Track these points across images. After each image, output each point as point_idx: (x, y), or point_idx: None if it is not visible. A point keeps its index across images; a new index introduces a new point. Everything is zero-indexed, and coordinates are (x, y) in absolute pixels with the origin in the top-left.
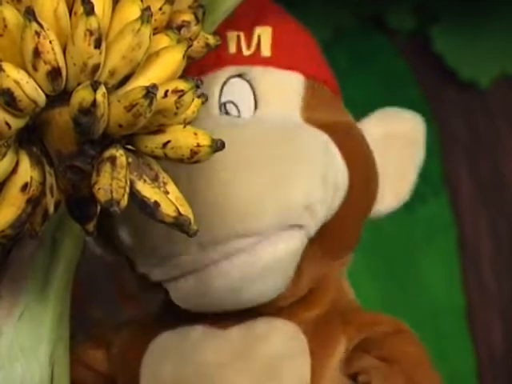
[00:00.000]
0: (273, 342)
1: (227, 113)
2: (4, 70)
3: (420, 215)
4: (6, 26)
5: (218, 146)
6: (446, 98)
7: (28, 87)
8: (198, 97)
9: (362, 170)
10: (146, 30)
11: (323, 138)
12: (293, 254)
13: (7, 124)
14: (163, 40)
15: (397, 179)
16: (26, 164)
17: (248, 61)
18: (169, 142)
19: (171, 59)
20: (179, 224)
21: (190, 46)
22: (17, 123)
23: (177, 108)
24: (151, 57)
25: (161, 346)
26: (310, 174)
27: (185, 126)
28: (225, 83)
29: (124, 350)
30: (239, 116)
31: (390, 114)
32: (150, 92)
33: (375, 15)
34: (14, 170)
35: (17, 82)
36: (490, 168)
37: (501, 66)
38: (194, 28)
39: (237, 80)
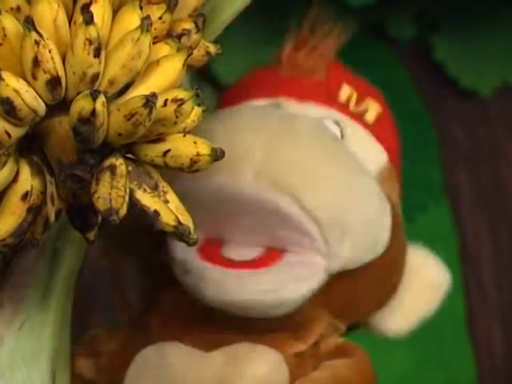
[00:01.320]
0: (256, 368)
1: None
2: (3, 79)
3: (421, 223)
4: (5, 36)
5: (217, 154)
6: (447, 106)
7: (28, 96)
8: (199, 105)
9: (395, 247)
10: (146, 39)
11: (385, 201)
12: (323, 267)
13: (7, 133)
14: (163, 49)
15: (404, 312)
16: (26, 173)
17: (351, 115)
18: (169, 150)
19: (171, 68)
20: (179, 233)
21: (191, 54)
22: (17, 132)
23: (176, 117)
24: (151, 66)
25: (143, 360)
26: (366, 212)
27: (185, 135)
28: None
29: (111, 360)
30: None
31: (423, 254)
32: (149, 101)
33: (376, 24)
34: (15, 179)
35: (16, 91)
36: (490, 176)
37: (501, 74)
38: (195, 36)
39: (332, 124)
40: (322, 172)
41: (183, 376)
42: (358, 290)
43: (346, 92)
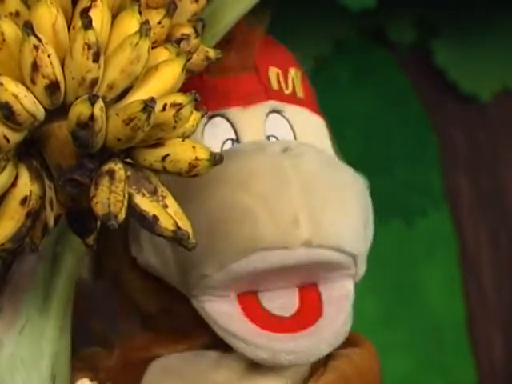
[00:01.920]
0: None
1: None
2: (2, 84)
3: (421, 228)
4: (4, 40)
5: (216, 159)
6: (447, 111)
7: (26, 101)
8: (198, 110)
9: None
10: (145, 44)
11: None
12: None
13: (6, 138)
14: (162, 53)
15: None
16: (25, 178)
17: (288, 99)
18: (168, 155)
19: (170, 73)
20: (178, 238)
21: (190, 59)
22: (15, 137)
23: (175, 122)
24: (150, 70)
25: (163, 366)
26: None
27: (183, 140)
28: (266, 117)
29: (112, 375)
30: None
31: None
32: (148, 106)
33: (376, 29)
34: (14, 184)
35: (15, 96)
36: (490, 181)
37: (501, 79)
38: (194, 41)
39: (276, 116)
40: (346, 212)
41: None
42: None
43: (273, 75)
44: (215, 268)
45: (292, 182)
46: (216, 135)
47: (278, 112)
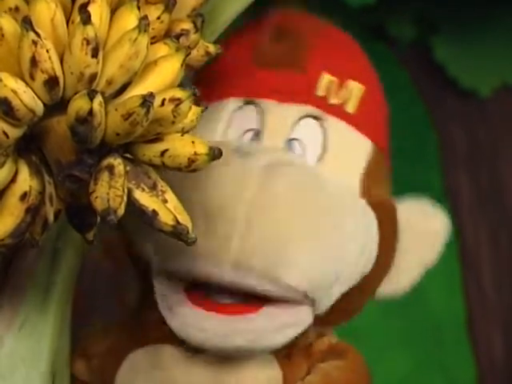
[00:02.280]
0: (248, 369)
1: (291, 149)
2: (1, 80)
3: None
4: (2, 35)
5: (215, 154)
6: (447, 107)
7: (25, 96)
8: (198, 105)
9: (388, 257)
10: (144, 39)
11: (371, 221)
12: (302, 326)
13: (5, 133)
14: (162, 49)
15: (404, 270)
16: (24, 173)
17: (330, 109)
18: (167, 150)
19: (169, 68)
20: (177, 233)
21: (189, 54)
22: (15, 133)
23: (174, 117)
24: (149, 66)
25: (134, 362)
26: (349, 259)
27: (182, 135)
28: (300, 119)
29: (102, 362)
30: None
31: (418, 206)
32: (146, 101)
33: (376, 25)
34: (13, 180)
35: (14, 92)
36: (490, 177)
37: (501, 75)
38: (193, 36)
39: (312, 121)
40: (298, 245)
41: (174, 376)
42: (351, 301)
43: (325, 82)
44: (158, 259)
45: (244, 199)
46: (242, 122)
47: (316, 119)
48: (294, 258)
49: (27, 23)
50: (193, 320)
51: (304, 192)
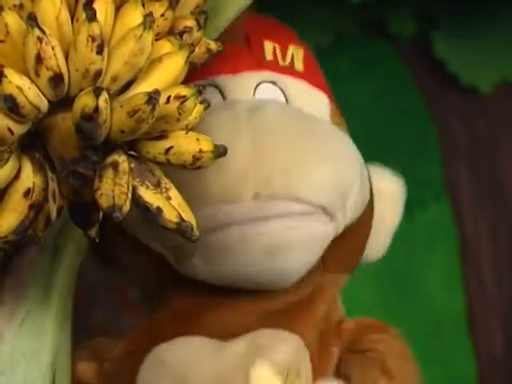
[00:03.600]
0: (279, 354)
1: None
2: (6, 76)
3: (420, 220)
4: (8, 32)
5: (220, 151)
6: (447, 102)
7: (30, 93)
8: (201, 102)
9: (372, 206)
10: (148, 36)
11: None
12: (328, 237)
13: (10, 130)
14: (165, 46)
15: (373, 234)
16: (28, 170)
17: (283, 70)
18: (171, 147)
19: (173, 65)
20: (181, 230)
21: (192, 51)
22: (19, 129)
23: (179, 114)
24: (153, 62)
25: (158, 358)
26: (354, 169)
27: (187, 132)
28: (258, 85)
29: (117, 365)
30: None
31: (373, 169)
32: (152, 98)
33: (376, 21)
34: (17, 176)
35: (19, 88)
36: (489, 172)
37: (501, 71)
38: (196, 34)
39: (270, 86)
40: (309, 160)
41: (202, 367)
42: (351, 243)
43: (269, 48)
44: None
45: (244, 135)
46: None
47: (272, 83)
48: (311, 174)
49: (32, 20)
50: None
51: (294, 115)
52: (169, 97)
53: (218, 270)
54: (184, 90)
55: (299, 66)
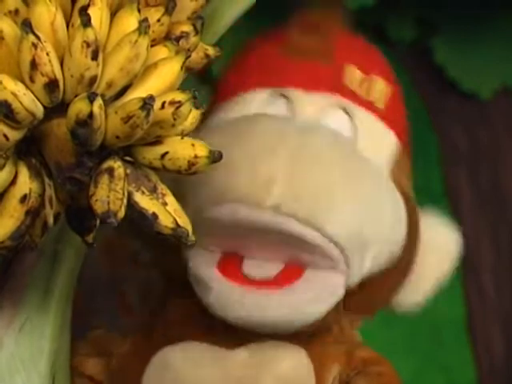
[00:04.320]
0: (282, 366)
1: None
2: (1, 82)
3: None
4: (2, 38)
5: (215, 156)
6: (447, 108)
7: (25, 99)
8: (197, 108)
9: (412, 247)
10: (144, 42)
11: (402, 204)
12: (341, 287)
13: (5, 136)
14: (162, 51)
15: (418, 283)
16: (24, 176)
17: (359, 101)
18: (167, 153)
19: (169, 70)
20: (177, 235)
21: (189, 56)
22: (15, 135)
23: (174, 119)
24: (149, 68)
25: (163, 360)
26: (383, 223)
27: (182, 138)
28: (327, 108)
29: (124, 363)
30: None
31: (433, 217)
32: (146, 103)
33: (376, 26)
34: (13, 182)
35: (14, 94)
36: (490, 178)
37: (502, 77)
38: (193, 39)
39: (341, 112)
40: (340, 195)
41: (205, 375)
42: (375, 291)
43: (353, 75)
44: (192, 212)
45: (285, 149)
46: (272, 112)
47: (345, 110)
48: (337, 208)
49: (27, 26)
50: (230, 295)
51: (341, 150)
52: (164, 102)
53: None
54: (179, 96)
55: (379, 103)
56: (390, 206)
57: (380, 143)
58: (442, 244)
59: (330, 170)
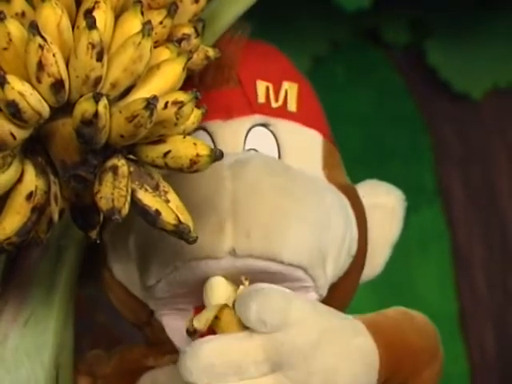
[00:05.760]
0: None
1: None
2: (9, 83)
3: (414, 224)
4: (10, 40)
5: (217, 155)
6: (440, 109)
7: (32, 99)
8: (198, 107)
9: (365, 236)
10: (147, 43)
11: (346, 202)
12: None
13: (12, 135)
14: (164, 53)
15: (373, 250)
16: (31, 173)
17: (275, 113)
18: (169, 151)
19: (171, 71)
20: (179, 232)
21: (190, 58)
22: (22, 134)
23: (177, 119)
24: (152, 69)
25: (153, 380)
26: (335, 233)
27: (184, 137)
28: (249, 130)
29: (110, 382)
30: None
31: (371, 185)
32: (150, 103)
33: (370, 29)
34: (20, 180)
35: (21, 94)
36: (481, 177)
37: (493, 78)
38: (194, 41)
39: (261, 129)
40: (288, 220)
41: None
42: (347, 285)
43: (261, 89)
44: (154, 279)
45: (225, 192)
46: None
47: (264, 126)
48: (289, 233)
49: (34, 28)
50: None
51: (275, 174)
52: (166, 102)
53: None
54: (181, 96)
55: (292, 105)
56: (336, 210)
57: (306, 147)
58: (385, 204)
59: (272, 198)
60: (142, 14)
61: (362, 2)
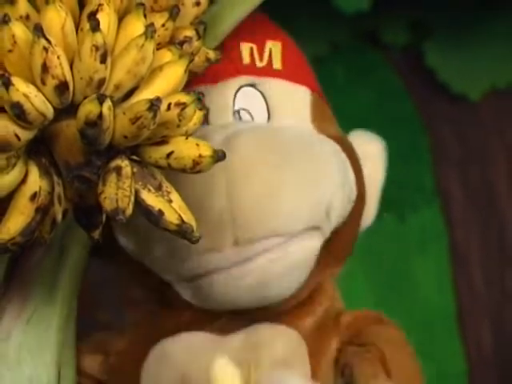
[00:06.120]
0: (276, 348)
1: (241, 119)
2: (14, 84)
3: (413, 223)
4: (15, 42)
5: (219, 156)
6: (438, 110)
7: (37, 100)
8: (200, 109)
9: (362, 181)
10: (150, 46)
11: (338, 148)
12: (315, 251)
13: (17, 136)
14: (166, 55)
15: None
16: (35, 174)
17: (261, 72)
18: (172, 152)
19: (174, 73)
20: (182, 231)
21: (192, 60)
22: (26, 135)
23: (179, 120)
24: (155, 71)
25: (162, 352)
26: (333, 181)
27: (187, 138)
28: (237, 91)
29: (122, 359)
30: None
31: (352, 137)
32: (153, 105)
33: (369, 31)
34: (24, 180)
35: (26, 96)
36: (479, 178)
37: (491, 79)
38: (196, 43)
39: (249, 89)
40: (282, 192)
41: (206, 360)
42: (348, 232)
43: (246, 51)
44: (173, 277)
45: (219, 179)
46: None
47: (251, 86)
48: (284, 205)
49: (38, 30)
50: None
51: (267, 144)
52: (169, 104)
53: (208, 305)
54: (184, 98)
55: (277, 63)
56: (329, 157)
57: (294, 103)
58: (370, 153)
59: (266, 173)
60: (145, 16)
61: (361, 4)
